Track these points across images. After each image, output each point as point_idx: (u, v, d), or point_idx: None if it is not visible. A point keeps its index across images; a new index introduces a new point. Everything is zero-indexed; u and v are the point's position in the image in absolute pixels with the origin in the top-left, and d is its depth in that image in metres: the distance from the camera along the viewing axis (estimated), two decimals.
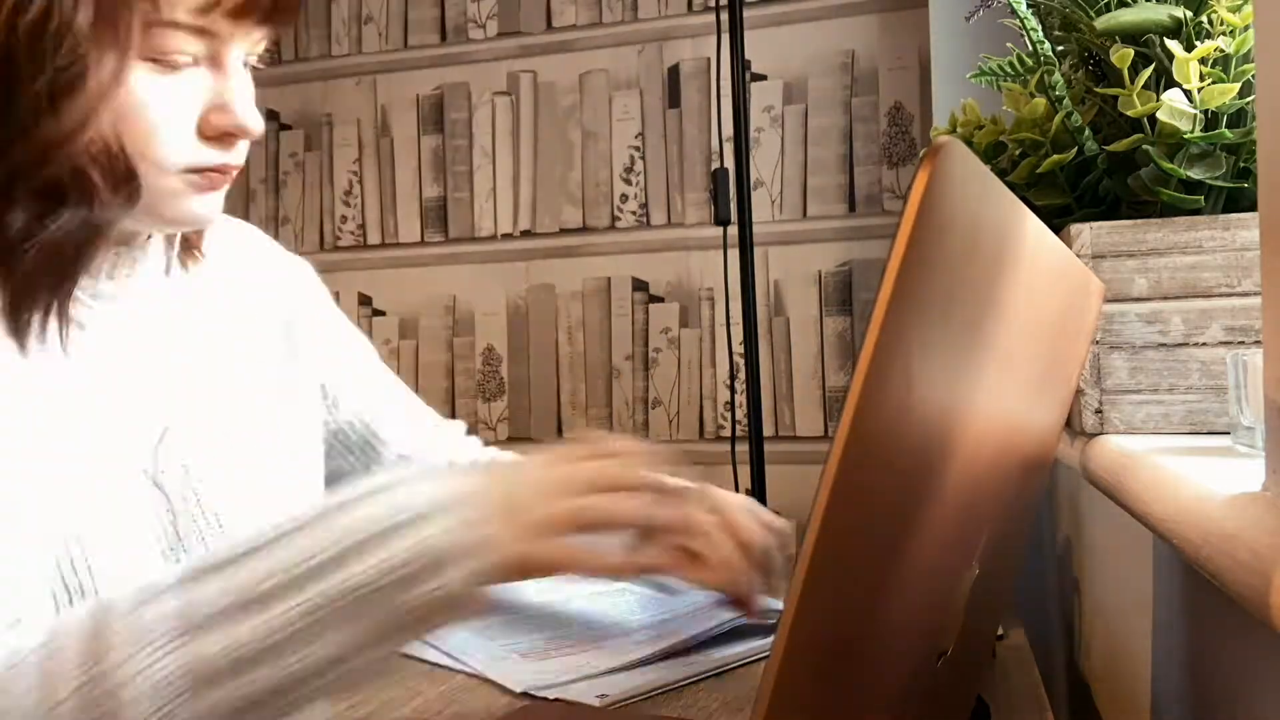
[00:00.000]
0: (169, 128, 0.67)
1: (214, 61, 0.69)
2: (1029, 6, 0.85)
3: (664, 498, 0.65)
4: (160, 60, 0.66)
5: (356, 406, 0.93)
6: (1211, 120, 0.76)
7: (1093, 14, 0.82)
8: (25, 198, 0.65)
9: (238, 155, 0.72)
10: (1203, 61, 0.75)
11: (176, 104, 0.68)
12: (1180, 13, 0.77)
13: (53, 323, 0.69)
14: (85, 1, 0.62)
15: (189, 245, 0.81)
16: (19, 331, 0.68)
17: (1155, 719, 0.75)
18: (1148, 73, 0.77)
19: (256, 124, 0.70)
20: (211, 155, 0.70)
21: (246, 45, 0.70)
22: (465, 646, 0.80)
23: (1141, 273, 0.75)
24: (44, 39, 0.62)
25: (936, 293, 0.37)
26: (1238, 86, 0.74)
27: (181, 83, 0.68)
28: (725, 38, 1.83)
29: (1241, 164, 0.76)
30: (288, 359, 0.87)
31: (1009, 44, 0.94)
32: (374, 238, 2.42)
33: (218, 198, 0.73)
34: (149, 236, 0.75)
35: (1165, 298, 0.75)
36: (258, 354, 0.85)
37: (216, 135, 0.69)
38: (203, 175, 0.70)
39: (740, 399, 2.15)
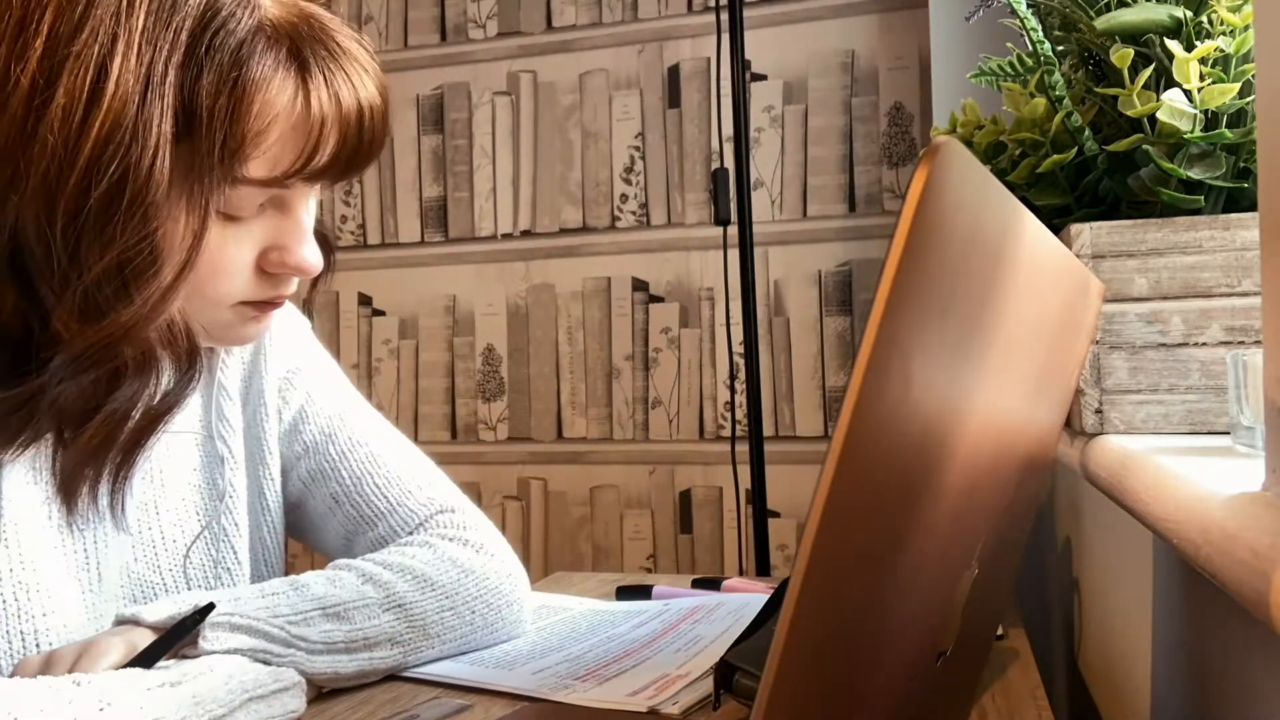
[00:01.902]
0: (228, 270, 0.67)
1: (281, 207, 0.69)
2: (1029, 6, 0.85)
3: None
4: (230, 215, 0.66)
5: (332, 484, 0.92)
6: (1211, 120, 0.76)
7: (1093, 14, 0.82)
8: (80, 379, 0.63)
9: (291, 287, 0.71)
10: (1203, 61, 0.75)
11: (241, 249, 0.67)
12: (1180, 13, 0.77)
13: (103, 496, 0.70)
14: (160, 167, 0.59)
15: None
16: (69, 500, 0.69)
17: (1155, 719, 0.75)
18: (1148, 73, 0.77)
19: (315, 263, 0.70)
20: (266, 290, 0.70)
21: (316, 192, 0.70)
22: (463, 671, 0.80)
23: (1141, 273, 0.75)
24: (115, 208, 0.59)
25: (935, 293, 0.37)
26: (1238, 86, 0.74)
27: (247, 229, 0.67)
28: (725, 38, 1.83)
29: (1241, 164, 0.76)
30: (266, 454, 0.87)
31: (1009, 44, 0.94)
32: (374, 238, 2.42)
33: (268, 322, 0.73)
34: None
35: (1165, 298, 0.75)
36: (262, 431, 0.86)
37: (274, 272, 0.69)
38: (255, 306, 0.70)
39: (740, 399, 2.15)
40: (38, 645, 0.67)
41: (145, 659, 0.65)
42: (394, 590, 0.78)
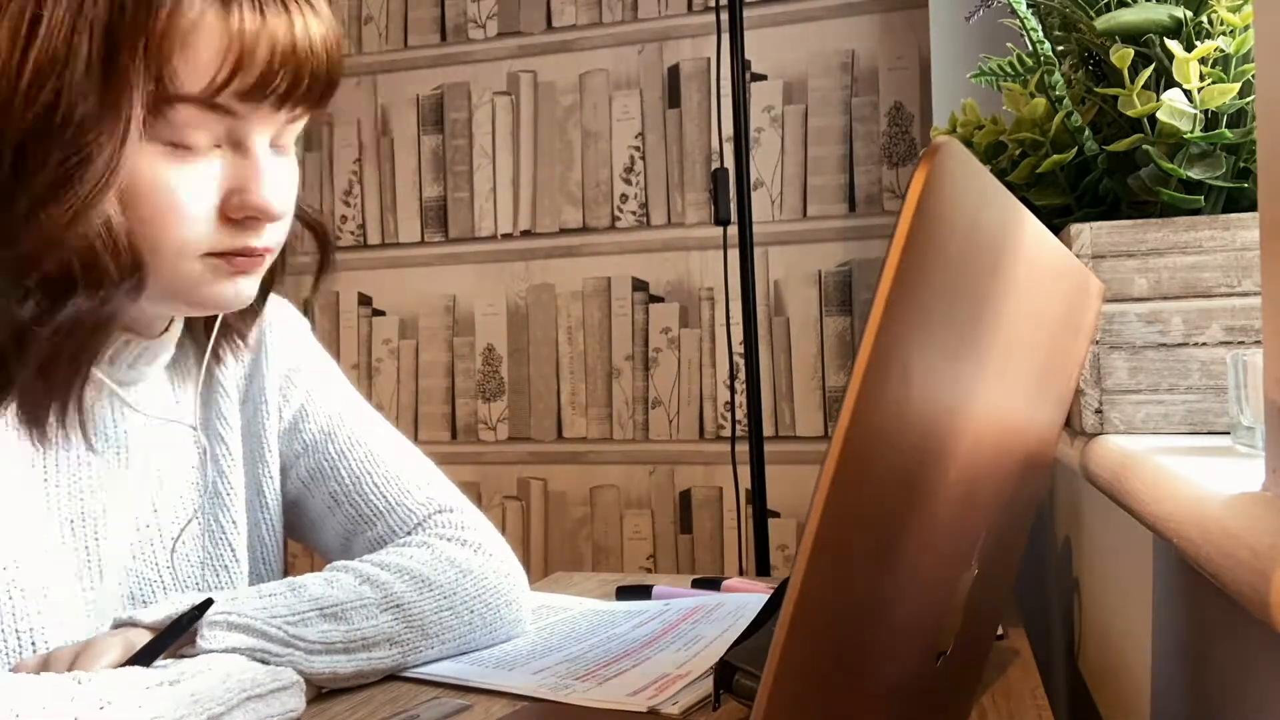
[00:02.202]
0: (185, 211, 0.67)
1: (236, 145, 0.68)
2: (1029, 6, 0.85)
3: None
4: (177, 144, 0.66)
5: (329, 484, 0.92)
6: (1211, 120, 0.76)
7: (1093, 14, 0.82)
8: (35, 287, 0.65)
9: (264, 238, 0.71)
10: (1203, 61, 0.75)
11: (194, 187, 0.67)
12: (1180, 13, 0.77)
13: (71, 413, 0.70)
14: (92, 87, 0.63)
15: (231, 333, 0.81)
16: (36, 421, 0.69)
17: (1155, 719, 0.75)
18: (1148, 73, 0.77)
19: (277, 205, 0.69)
20: (232, 239, 0.69)
21: (271, 128, 0.70)
22: (463, 672, 0.80)
23: (1141, 273, 0.75)
24: (51, 128, 0.63)
25: (935, 293, 0.37)
26: (1238, 86, 0.74)
27: (201, 166, 0.67)
28: (725, 38, 1.83)
29: (1241, 164, 0.76)
30: (267, 455, 0.87)
31: (1009, 44, 0.94)
32: (374, 238, 2.42)
33: (249, 282, 0.72)
34: (167, 328, 0.76)
35: (1165, 298, 0.75)
36: (260, 425, 0.86)
37: (238, 218, 0.69)
38: (225, 259, 0.69)
39: (740, 399, 2.15)
40: (34, 644, 0.67)
41: (143, 657, 0.65)
42: (392, 590, 0.78)
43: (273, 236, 0.72)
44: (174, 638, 0.67)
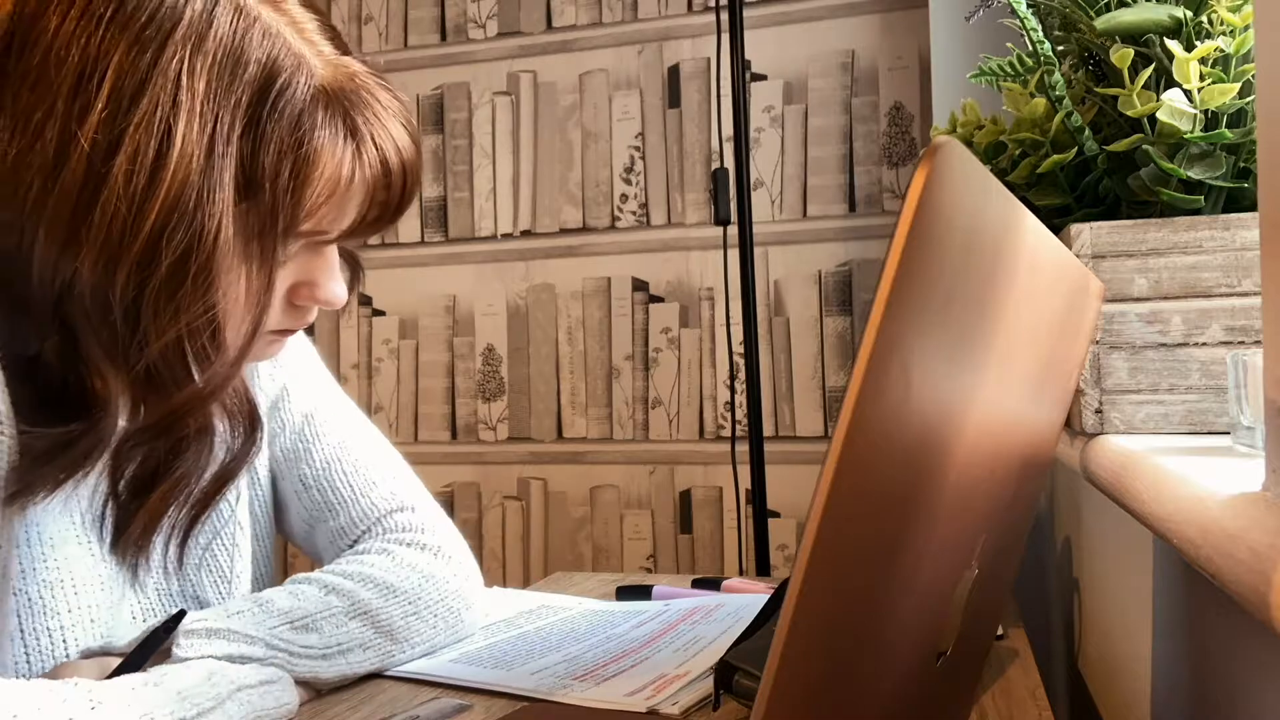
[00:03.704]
0: (270, 314, 0.67)
1: (314, 247, 0.68)
2: (1029, 6, 0.85)
3: None
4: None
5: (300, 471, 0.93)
6: (1211, 120, 0.76)
7: (1093, 14, 0.81)
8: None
9: (313, 316, 0.72)
10: (1203, 61, 0.75)
11: (279, 288, 0.67)
12: (1180, 13, 0.77)
13: (165, 552, 0.71)
14: (226, 235, 0.59)
15: None
16: (123, 555, 0.70)
17: (1155, 719, 0.75)
18: (1148, 73, 0.77)
19: (342, 296, 0.70)
20: (291, 321, 0.70)
21: None
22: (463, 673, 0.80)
23: (1141, 273, 0.75)
24: (184, 281, 0.58)
25: (935, 293, 0.37)
26: (1238, 86, 0.74)
27: (285, 268, 0.67)
28: (725, 38, 1.83)
29: (1241, 164, 0.76)
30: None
31: (1009, 44, 0.94)
32: (374, 238, 2.42)
33: (283, 345, 0.73)
34: None
35: (1165, 298, 0.75)
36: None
37: (301, 305, 0.70)
38: (276, 334, 0.71)
39: (740, 399, 2.15)
40: (65, 643, 0.67)
41: (124, 669, 0.64)
42: (358, 598, 0.78)
43: (315, 313, 0.73)
44: (152, 649, 0.66)
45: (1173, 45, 0.75)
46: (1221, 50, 0.75)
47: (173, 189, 0.57)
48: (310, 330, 0.94)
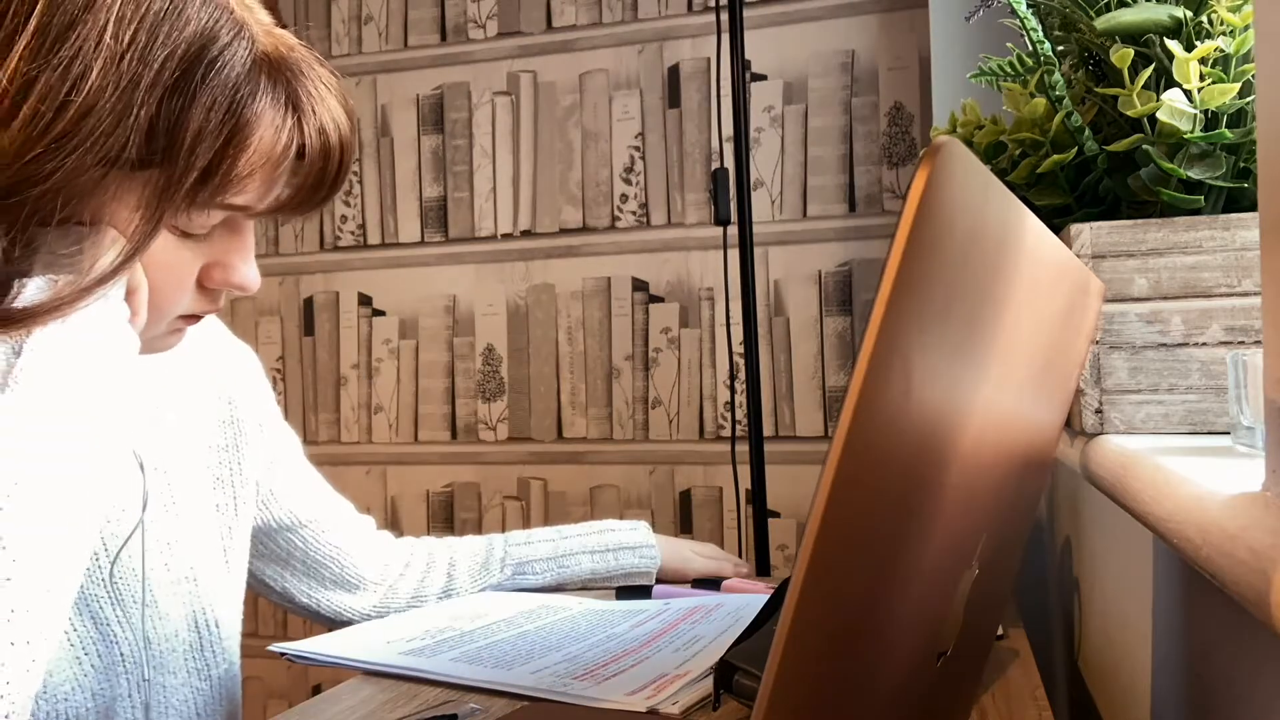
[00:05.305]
0: (182, 286, 0.66)
1: (232, 226, 0.67)
2: (1029, 6, 0.85)
3: None
4: (188, 234, 0.65)
5: (288, 505, 0.94)
6: (1211, 120, 0.76)
7: (1093, 14, 0.82)
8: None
9: (221, 301, 0.70)
10: (1203, 61, 0.75)
11: (191, 265, 0.66)
12: (1180, 13, 0.77)
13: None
14: (105, 183, 0.56)
15: None
16: None
17: (1155, 719, 0.75)
18: (1148, 73, 0.77)
19: (256, 281, 0.69)
20: (202, 305, 0.69)
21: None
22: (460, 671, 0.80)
23: (1141, 273, 0.75)
24: (51, 214, 0.56)
25: (936, 293, 0.37)
26: (1238, 86, 0.74)
27: (198, 245, 0.66)
28: (725, 38, 1.83)
29: (1241, 164, 0.76)
30: (228, 449, 0.88)
31: (1009, 44, 0.94)
32: (374, 238, 2.42)
33: (184, 335, 0.71)
34: None
35: (1165, 298, 0.75)
36: (197, 441, 0.86)
37: (212, 288, 0.68)
38: (184, 319, 0.69)
39: (740, 399, 2.15)
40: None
41: None
42: None
43: (224, 299, 0.71)
44: None
45: (1173, 45, 0.75)
46: (1221, 50, 0.76)
47: (68, 129, 0.54)
48: (310, 330, 0.95)
